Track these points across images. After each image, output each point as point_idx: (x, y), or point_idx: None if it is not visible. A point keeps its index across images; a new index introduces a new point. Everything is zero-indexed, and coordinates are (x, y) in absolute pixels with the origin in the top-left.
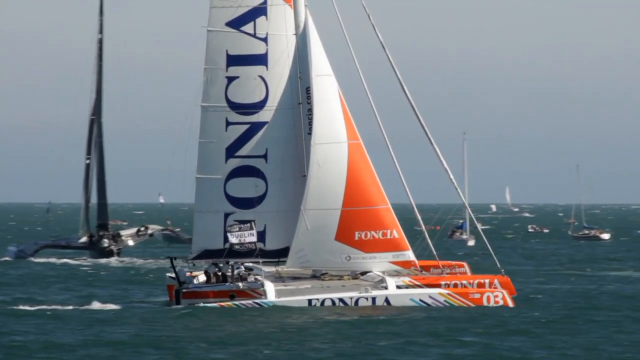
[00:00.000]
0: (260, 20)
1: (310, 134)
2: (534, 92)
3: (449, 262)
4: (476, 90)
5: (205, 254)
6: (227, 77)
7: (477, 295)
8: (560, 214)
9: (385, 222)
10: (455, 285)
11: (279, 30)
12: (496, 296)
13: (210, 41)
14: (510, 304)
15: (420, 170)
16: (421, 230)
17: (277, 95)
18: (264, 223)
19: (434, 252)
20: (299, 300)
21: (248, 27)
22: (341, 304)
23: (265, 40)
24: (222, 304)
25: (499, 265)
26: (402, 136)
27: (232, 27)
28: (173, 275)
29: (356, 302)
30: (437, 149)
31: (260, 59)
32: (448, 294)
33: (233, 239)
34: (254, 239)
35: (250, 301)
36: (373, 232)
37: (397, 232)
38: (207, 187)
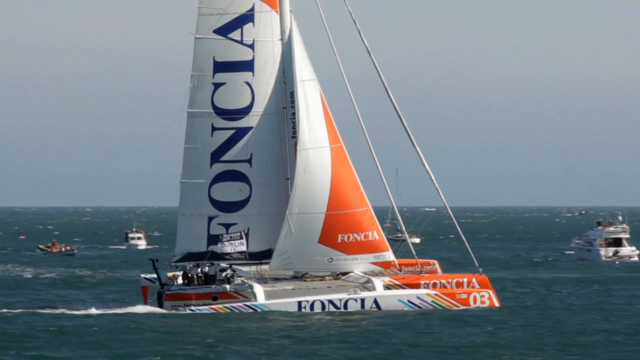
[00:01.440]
0: (248, 27)
1: (294, 137)
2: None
3: (421, 260)
4: None
5: (189, 257)
6: (213, 84)
7: (464, 296)
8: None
9: (367, 224)
10: (435, 285)
11: (265, 37)
12: (482, 296)
13: (198, 48)
14: (497, 303)
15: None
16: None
17: (262, 101)
18: (247, 226)
19: (413, 252)
20: (289, 302)
21: (235, 34)
22: (331, 306)
23: (252, 46)
24: (215, 307)
25: (477, 264)
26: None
27: (219, 34)
28: (148, 276)
29: (345, 303)
30: (419, 151)
31: (247, 65)
32: (435, 294)
33: (226, 249)
34: (244, 247)
35: (242, 304)
36: (355, 235)
37: (377, 233)
38: (192, 191)
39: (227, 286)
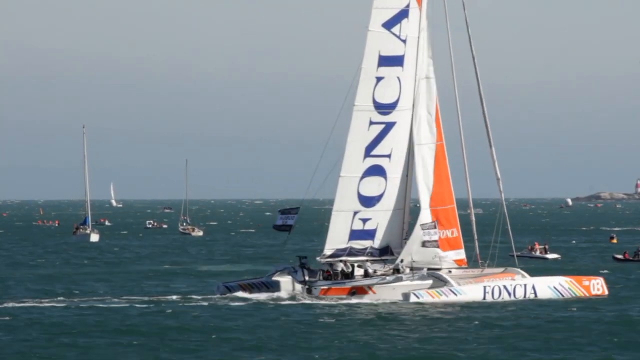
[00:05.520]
0: (404, 22)
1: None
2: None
3: None
4: None
5: (337, 253)
6: (376, 77)
7: (587, 283)
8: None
9: (454, 220)
10: None
11: (413, 32)
12: (597, 284)
13: (369, 41)
14: (606, 291)
15: None
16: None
17: (405, 96)
18: (377, 221)
19: (477, 252)
20: (477, 287)
21: (396, 29)
22: (505, 292)
23: (404, 41)
24: (430, 293)
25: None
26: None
27: (386, 28)
28: (227, 284)
29: (514, 289)
30: (494, 154)
31: (399, 60)
32: (570, 281)
33: (425, 237)
34: (437, 237)
35: (446, 288)
36: (447, 232)
37: (457, 230)
38: (347, 186)
39: (404, 276)
